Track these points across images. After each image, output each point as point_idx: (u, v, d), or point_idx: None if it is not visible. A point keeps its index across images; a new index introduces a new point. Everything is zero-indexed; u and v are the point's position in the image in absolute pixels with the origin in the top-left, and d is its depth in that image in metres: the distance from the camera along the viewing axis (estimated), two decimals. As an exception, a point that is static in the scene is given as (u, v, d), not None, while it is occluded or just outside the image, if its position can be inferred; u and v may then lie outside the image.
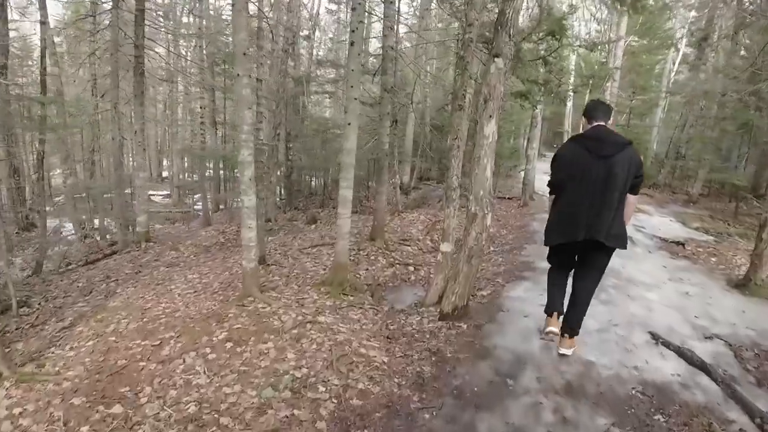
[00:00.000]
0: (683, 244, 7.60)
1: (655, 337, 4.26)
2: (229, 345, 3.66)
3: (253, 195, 4.37)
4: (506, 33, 3.94)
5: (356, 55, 4.45)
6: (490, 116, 3.96)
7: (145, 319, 4.47)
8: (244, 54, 3.96)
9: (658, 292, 5.46)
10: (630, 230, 8.46)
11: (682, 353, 3.95)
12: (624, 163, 2.99)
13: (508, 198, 11.85)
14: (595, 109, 3.25)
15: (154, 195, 26.49)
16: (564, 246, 3.32)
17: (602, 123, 3.19)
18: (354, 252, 6.35)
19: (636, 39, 18.96)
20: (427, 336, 4.02)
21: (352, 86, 4.51)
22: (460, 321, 4.25)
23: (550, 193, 3.45)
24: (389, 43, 6.12)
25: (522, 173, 11.82)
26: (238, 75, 3.99)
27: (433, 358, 3.58)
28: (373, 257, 6.25)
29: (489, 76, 3.96)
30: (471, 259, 4.15)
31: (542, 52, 6.48)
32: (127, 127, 16.40)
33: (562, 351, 3.53)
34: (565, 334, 3.48)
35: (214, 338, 3.78)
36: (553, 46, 6.15)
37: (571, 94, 19.36)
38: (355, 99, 4.54)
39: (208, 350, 3.63)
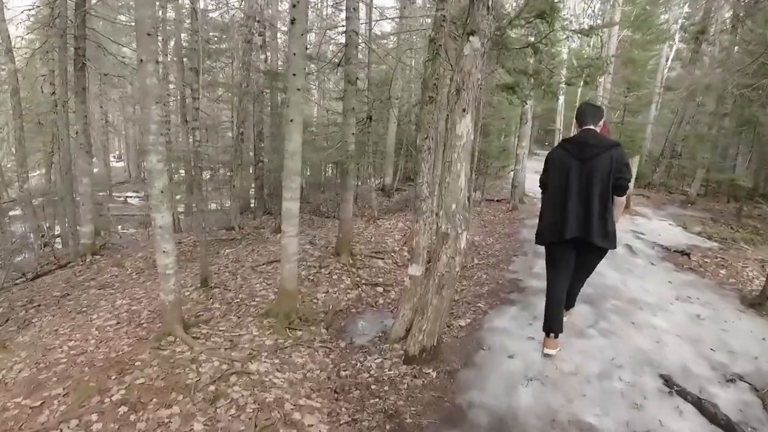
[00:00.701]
0: (688, 254, 6.82)
1: (668, 383, 3.46)
2: (122, 410, 2.80)
3: (167, 211, 3.49)
4: (484, 5, 3.10)
5: (299, 36, 3.56)
6: (464, 110, 3.12)
7: (41, 365, 3.59)
8: (149, 34, 3.08)
9: (666, 316, 4.68)
10: (629, 237, 7.67)
11: (702, 408, 3.16)
12: (604, 165, 3.10)
13: (497, 200, 11.06)
14: (583, 114, 3.39)
15: (131, 197, 25.46)
16: (557, 246, 3.46)
17: (590, 127, 3.32)
18: (314, 270, 5.49)
19: (630, 32, 18.30)
20: (386, 388, 3.18)
21: (294, 74, 3.64)
22: (428, 365, 3.42)
23: (542, 192, 3.60)
24: (353, 27, 5.23)
25: (511, 174, 11.02)
26: (141, 61, 3.12)
27: (388, 426, 2.75)
28: (335, 276, 5.40)
29: (463, 59, 3.12)
30: (442, 290, 3.32)
31: (531, 38, 5.66)
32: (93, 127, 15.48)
33: (547, 351, 3.59)
34: (551, 334, 3.58)
35: (107, 399, 2.91)
36: (544, 31, 5.32)
37: (564, 87, 18.61)
38: (298, 90, 3.68)
39: (94, 417, 2.77)
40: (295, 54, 3.60)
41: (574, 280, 3.72)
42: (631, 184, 10.15)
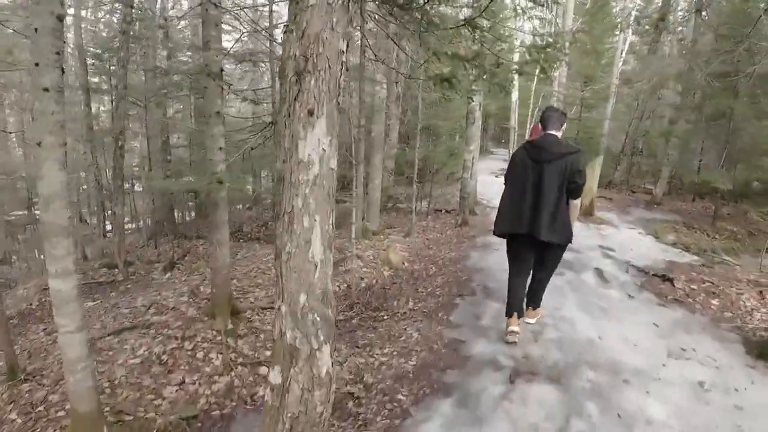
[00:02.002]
0: (671, 280, 5.58)
1: None
2: None
3: None
4: None
5: (46, 1, 1.99)
6: (311, 113, 1.61)
7: None
8: None
9: (661, 391, 3.35)
10: (597, 256, 6.27)
11: None
12: (557, 170, 3.32)
13: (447, 211, 9.69)
14: (548, 119, 3.56)
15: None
16: (515, 238, 3.57)
17: (552, 132, 3.52)
18: (173, 344, 3.82)
19: (583, 21, 17.43)
20: None
21: (38, 65, 2.05)
22: None
23: (505, 185, 3.68)
24: (211, -5, 3.61)
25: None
26: None
27: None
28: (201, 354, 3.74)
29: (304, 14, 1.60)
30: (295, 445, 1.79)
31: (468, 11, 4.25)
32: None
33: (527, 320, 3.82)
34: (529, 307, 3.83)
35: None
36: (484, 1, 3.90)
37: (515, 77, 17.51)
38: (46, 91, 2.09)
39: None
40: (37, 31, 2.00)
41: (537, 276, 3.77)
42: (594, 187, 8.96)
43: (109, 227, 14.73)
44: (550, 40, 4.26)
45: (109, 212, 7.08)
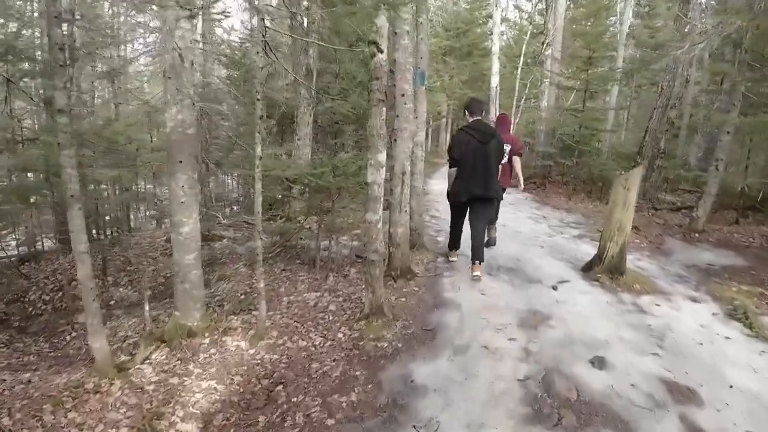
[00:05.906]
0: None
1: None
2: None
3: None
4: None
5: None
6: None
7: None
8: None
9: None
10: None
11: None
12: (494, 146, 4.59)
13: (360, 259, 5.56)
14: (476, 109, 4.74)
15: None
16: (464, 202, 4.71)
17: (479, 117, 4.72)
18: None
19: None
20: None
21: None
22: None
23: (451, 165, 4.76)
24: None
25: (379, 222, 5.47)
26: None
27: None
28: None
29: None
30: None
31: None
32: None
33: (476, 274, 4.65)
34: (476, 262, 4.69)
35: None
36: None
37: (496, 67, 13.50)
38: None
39: None
40: None
41: (476, 230, 4.69)
42: (629, 224, 4.96)
43: None
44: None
45: None
